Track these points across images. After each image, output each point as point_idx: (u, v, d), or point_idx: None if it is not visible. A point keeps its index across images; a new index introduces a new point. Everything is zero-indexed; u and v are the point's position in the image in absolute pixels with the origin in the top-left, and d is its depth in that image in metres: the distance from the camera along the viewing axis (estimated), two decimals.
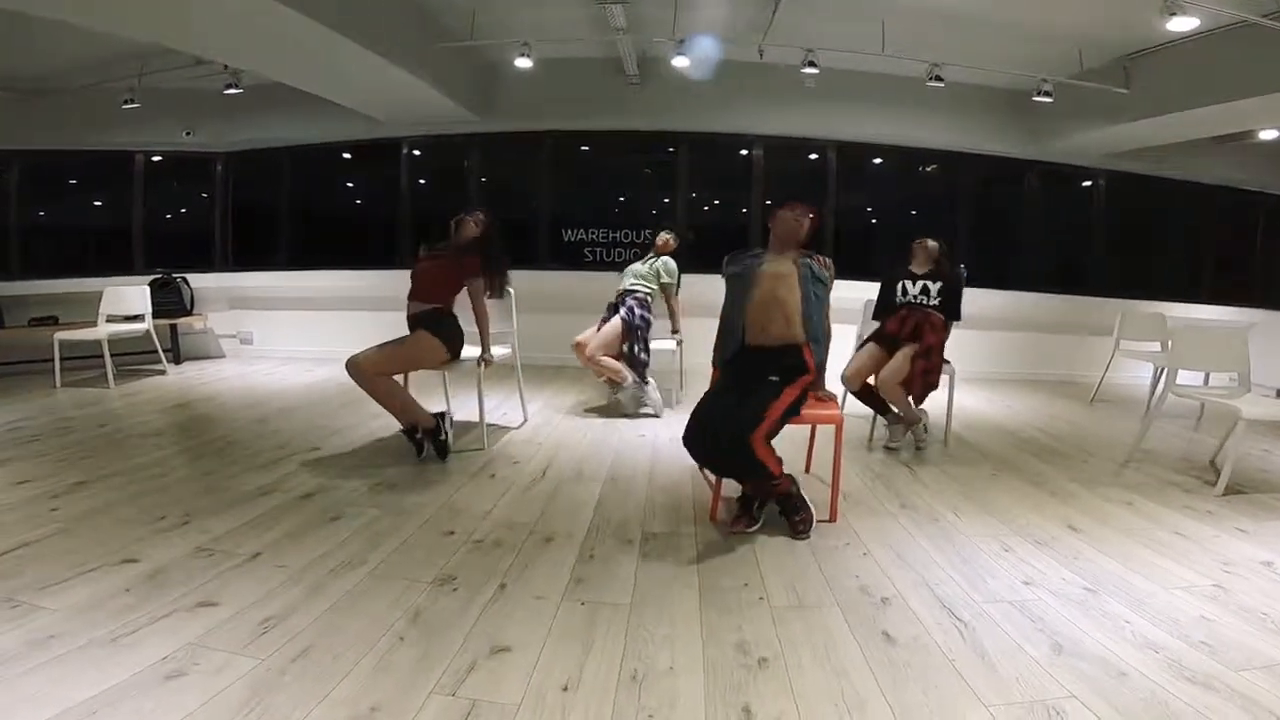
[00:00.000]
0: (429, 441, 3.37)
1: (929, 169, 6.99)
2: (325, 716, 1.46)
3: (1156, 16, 4.28)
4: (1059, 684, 1.65)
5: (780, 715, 1.52)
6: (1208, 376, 5.09)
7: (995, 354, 6.38)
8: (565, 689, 1.59)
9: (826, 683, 1.65)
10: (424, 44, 5.28)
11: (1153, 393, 5.17)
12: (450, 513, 2.69)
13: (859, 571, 2.27)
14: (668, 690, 1.60)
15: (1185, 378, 4.54)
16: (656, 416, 4.37)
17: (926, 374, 3.72)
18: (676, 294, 4.72)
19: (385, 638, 1.78)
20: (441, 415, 3.43)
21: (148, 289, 5.72)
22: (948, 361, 3.89)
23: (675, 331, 4.78)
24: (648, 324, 4.44)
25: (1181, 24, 4.33)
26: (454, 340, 3.51)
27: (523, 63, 5.39)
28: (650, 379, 4.45)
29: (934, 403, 4.69)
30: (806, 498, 2.64)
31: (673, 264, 4.69)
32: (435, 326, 3.46)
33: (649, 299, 4.52)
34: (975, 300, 6.14)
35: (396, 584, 2.08)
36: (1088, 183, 6.96)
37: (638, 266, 4.68)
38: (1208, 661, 1.76)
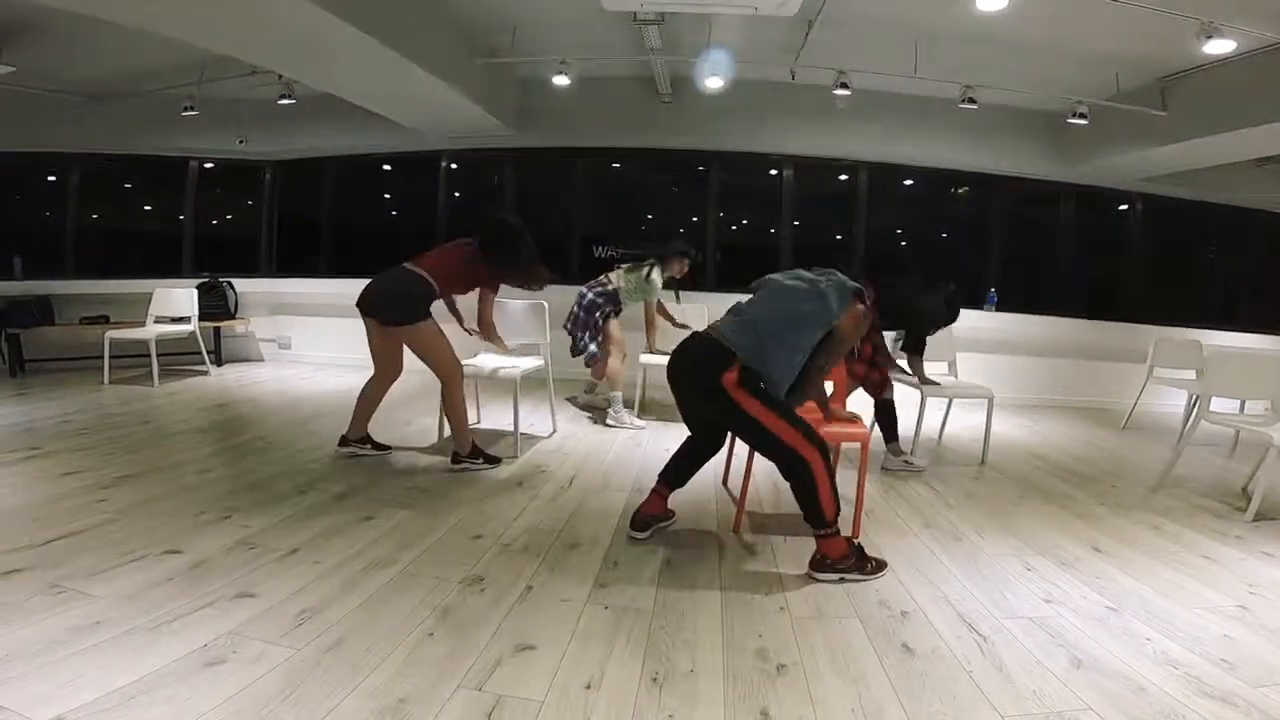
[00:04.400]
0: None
1: (961, 190, 6.95)
2: (357, 706, 1.51)
3: (1194, 39, 4.28)
4: (1077, 697, 1.67)
5: (799, 719, 1.56)
6: (1243, 404, 5.00)
7: (1027, 379, 6.29)
8: (588, 687, 1.64)
9: (844, 690, 1.67)
10: (467, 59, 5.43)
11: (1187, 420, 5.09)
12: (479, 518, 2.76)
13: (879, 586, 2.29)
14: (688, 692, 1.64)
15: (1220, 405, 4.48)
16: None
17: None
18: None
19: (415, 633, 1.84)
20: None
21: (195, 292, 5.92)
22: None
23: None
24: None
25: (1219, 46, 4.31)
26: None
27: (560, 80, 5.52)
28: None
29: (967, 426, 4.68)
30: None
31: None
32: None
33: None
34: (1007, 325, 6.15)
35: (426, 582, 2.15)
36: (1124, 206, 6.88)
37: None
38: (1227, 678, 1.78)
